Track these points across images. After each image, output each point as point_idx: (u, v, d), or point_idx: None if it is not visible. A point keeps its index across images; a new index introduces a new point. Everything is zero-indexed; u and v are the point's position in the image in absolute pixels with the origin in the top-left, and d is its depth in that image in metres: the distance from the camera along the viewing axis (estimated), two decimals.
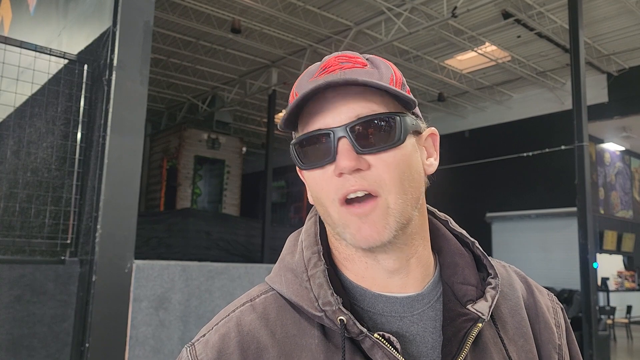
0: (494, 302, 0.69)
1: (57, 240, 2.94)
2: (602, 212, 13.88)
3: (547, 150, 9.32)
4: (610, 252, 14.24)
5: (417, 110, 0.72)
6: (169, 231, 12.13)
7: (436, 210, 0.79)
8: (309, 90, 0.64)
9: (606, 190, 14.30)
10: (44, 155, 3.37)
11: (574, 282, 10.03)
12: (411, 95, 0.68)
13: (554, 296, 0.83)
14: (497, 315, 0.73)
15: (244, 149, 17.29)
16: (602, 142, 14.22)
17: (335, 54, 0.72)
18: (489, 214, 14.35)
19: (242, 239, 12.96)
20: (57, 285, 2.75)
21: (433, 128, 0.75)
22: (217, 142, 16.28)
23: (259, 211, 15.24)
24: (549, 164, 12.11)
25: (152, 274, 3.05)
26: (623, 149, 15.01)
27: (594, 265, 6.62)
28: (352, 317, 0.64)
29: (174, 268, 3.16)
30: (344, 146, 0.64)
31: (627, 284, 14.67)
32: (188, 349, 0.69)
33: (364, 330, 0.64)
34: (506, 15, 9.70)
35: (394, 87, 0.66)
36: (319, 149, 0.67)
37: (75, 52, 3.31)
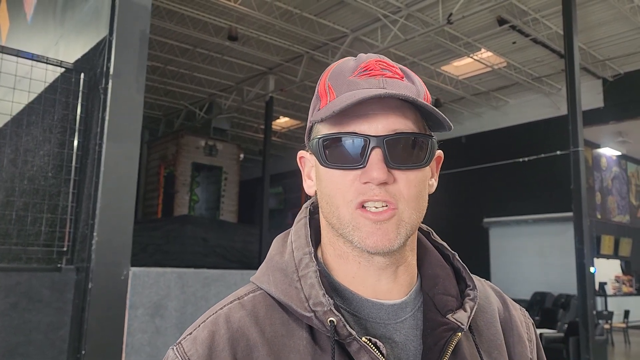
0: (473, 313, 0.71)
1: (53, 248, 2.94)
2: (599, 216, 13.91)
3: (542, 155, 9.34)
4: (608, 257, 14.27)
5: None
6: (167, 238, 12.11)
7: None
8: (370, 95, 0.64)
9: (603, 195, 14.34)
10: (41, 163, 3.38)
11: (571, 287, 10.04)
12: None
13: (525, 311, 0.85)
14: (474, 327, 0.74)
15: (242, 155, 17.31)
16: (598, 147, 14.29)
17: (375, 56, 0.72)
18: (486, 220, 14.38)
19: (239, 246, 12.94)
20: (53, 293, 2.75)
21: (440, 151, 0.77)
22: (215, 148, 16.32)
23: (257, 217, 15.23)
24: (545, 169, 12.13)
25: (148, 281, 3.06)
26: (619, 153, 15.08)
27: (592, 270, 6.64)
28: (342, 319, 0.64)
29: (170, 275, 3.17)
30: (377, 156, 0.65)
31: (625, 289, 14.68)
32: (175, 348, 0.68)
33: (353, 333, 0.64)
34: (501, 21, 9.77)
35: (443, 115, 0.67)
36: (348, 152, 0.67)
37: (72, 61, 3.33)
